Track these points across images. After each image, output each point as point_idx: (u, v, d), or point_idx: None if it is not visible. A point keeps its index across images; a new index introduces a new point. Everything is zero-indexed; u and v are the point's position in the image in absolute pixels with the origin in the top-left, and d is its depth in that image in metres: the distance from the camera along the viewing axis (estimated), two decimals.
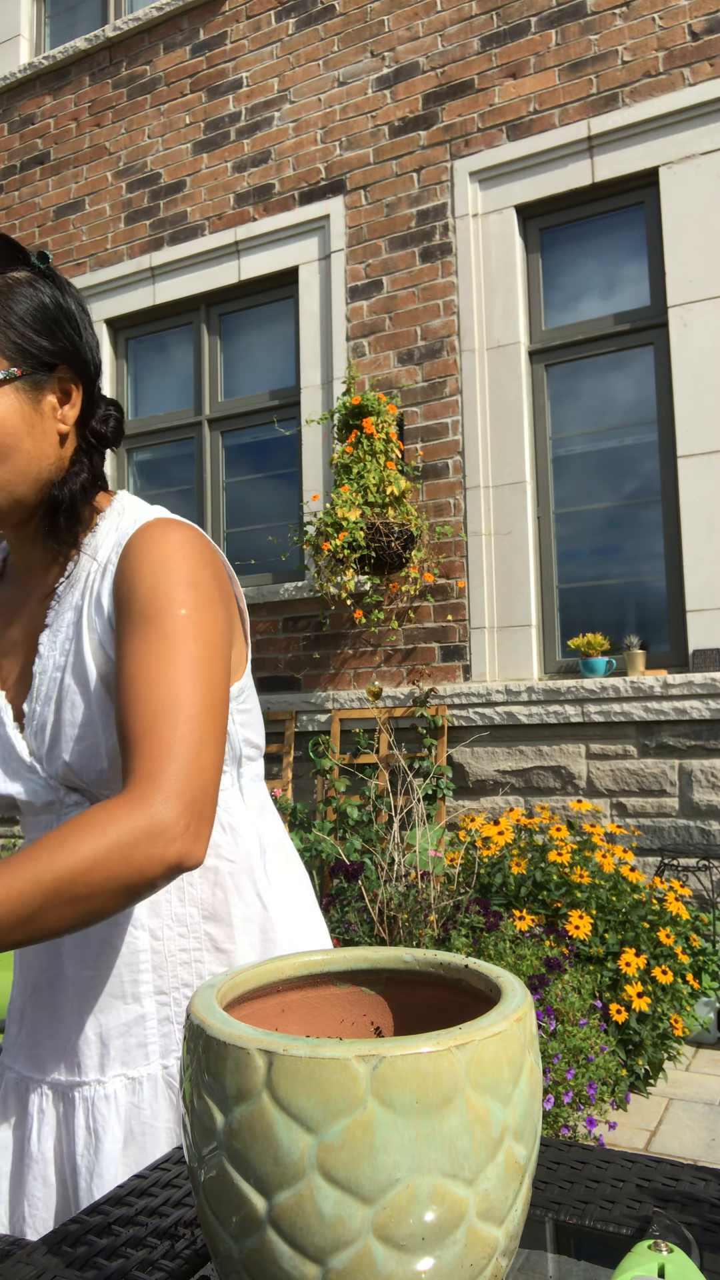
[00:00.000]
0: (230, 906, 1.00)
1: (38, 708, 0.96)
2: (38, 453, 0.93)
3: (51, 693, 0.95)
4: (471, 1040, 0.46)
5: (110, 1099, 0.94)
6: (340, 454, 4.54)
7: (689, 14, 4.25)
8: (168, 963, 0.97)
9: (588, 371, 4.56)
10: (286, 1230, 0.45)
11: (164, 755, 0.82)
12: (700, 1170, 0.71)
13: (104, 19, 6.02)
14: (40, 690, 0.96)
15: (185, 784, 0.81)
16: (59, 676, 0.95)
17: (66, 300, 0.95)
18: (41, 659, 0.97)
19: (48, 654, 0.97)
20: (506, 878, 3.37)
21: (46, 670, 0.96)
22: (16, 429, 0.91)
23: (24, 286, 0.92)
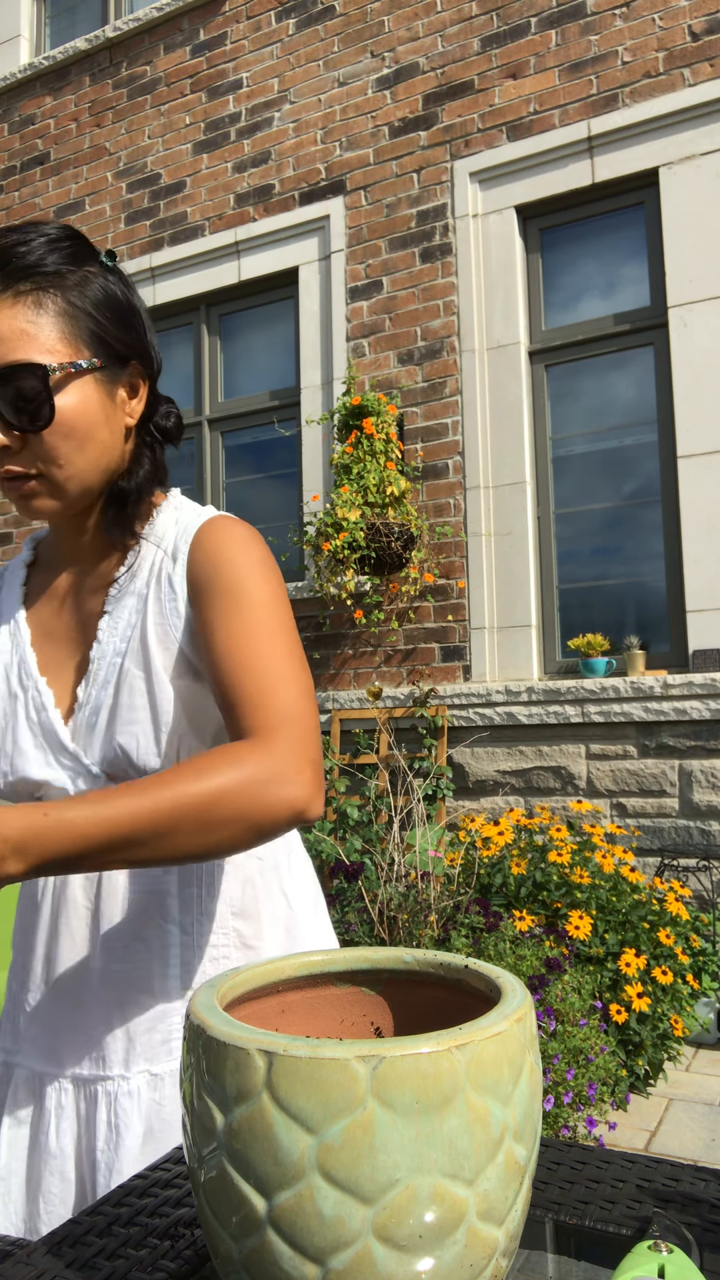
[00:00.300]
0: (259, 904, 1.01)
1: (94, 692, 0.97)
2: (110, 444, 0.96)
3: (110, 677, 0.96)
4: (471, 1040, 0.46)
5: (134, 1094, 0.94)
6: (340, 454, 4.54)
7: (689, 14, 4.25)
8: (196, 958, 0.98)
9: (588, 372, 4.56)
10: (286, 1230, 0.45)
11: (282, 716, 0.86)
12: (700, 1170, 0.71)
13: (104, 19, 6.02)
14: (98, 675, 0.97)
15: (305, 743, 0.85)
16: (119, 661, 0.96)
17: (133, 297, 0.98)
18: (100, 644, 0.97)
19: (107, 640, 0.97)
20: (506, 878, 3.37)
21: (105, 655, 0.97)
22: (95, 419, 0.93)
23: (99, 279, 0.94)
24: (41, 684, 0.99)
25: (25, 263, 0.89)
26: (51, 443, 0.91)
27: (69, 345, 0.91)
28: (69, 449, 0.92)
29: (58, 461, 0.92)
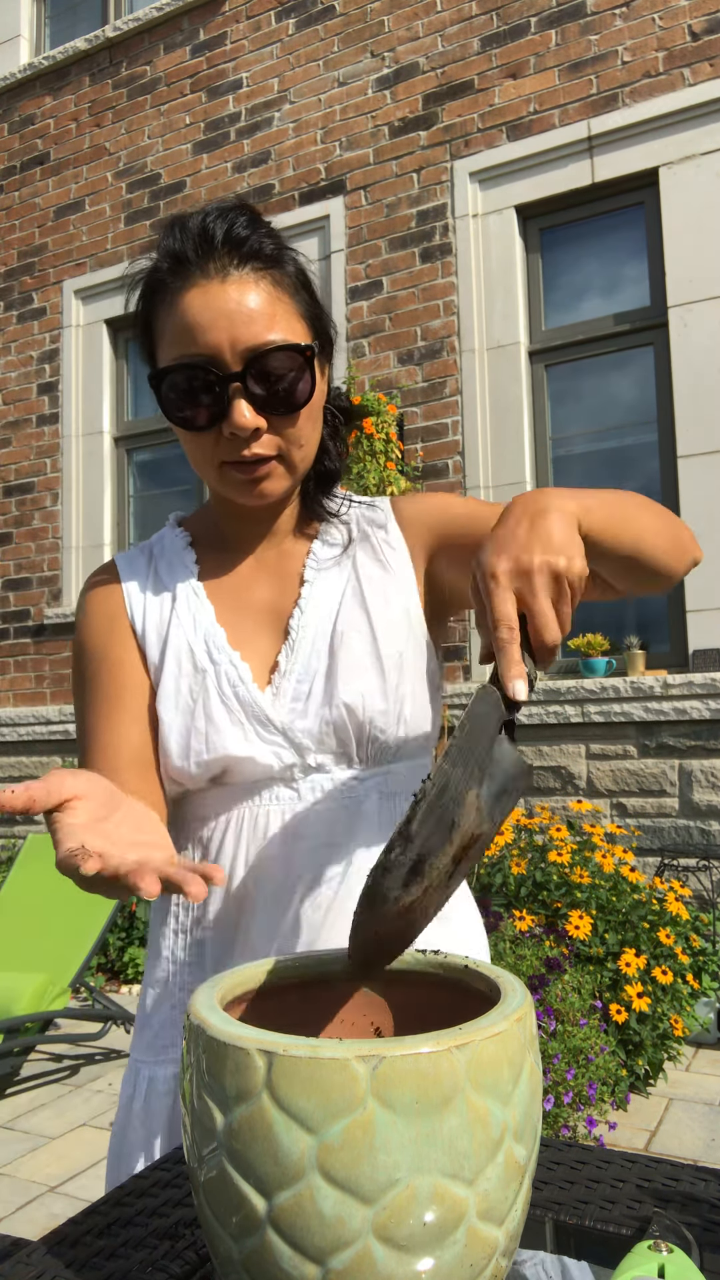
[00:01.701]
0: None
1: (300, 659, 0.94)
2: (320, 424, 0.96)
3: (319, 645, 0.94)
4: (471, 1040, 0.46)
5: None
6: None
7: (689, 14, 4.25)
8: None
9: (588, 371, 4.56)
10: (286, 1230, 0.45)
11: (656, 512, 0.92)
12: (700, 1170, 0.71)
13: (104, 19, 6.02)
14: (303, 644, 0.95)
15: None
16: (328, 627, 0.95)
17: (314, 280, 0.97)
18: (303, 613, 0.96)
19: (312, 610, 0.96)
20: (506, 878, 3.37)
21: (311, 624, 0.96)
22: (322, 400, 0.95)
23: (299, 258, 0.93)
24: (236, 658, 0.95)
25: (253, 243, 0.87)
26: (299, 423, 0.90)
27: (304, 326, 0.91)
28: (309, 430, 0.92)
29: (299, 442, 0.92)
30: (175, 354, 0.88)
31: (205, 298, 0.86)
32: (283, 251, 0.90)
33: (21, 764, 5.67)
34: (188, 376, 0.87)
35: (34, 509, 5.87)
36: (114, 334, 5.80)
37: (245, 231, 0.87)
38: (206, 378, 0.86)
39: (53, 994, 3.23)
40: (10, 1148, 2.84)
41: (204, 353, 0.86)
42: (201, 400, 0.87)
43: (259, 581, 1.00)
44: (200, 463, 0.93)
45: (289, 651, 0.94)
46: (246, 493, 0.93)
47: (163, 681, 0.95)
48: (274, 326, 0.87)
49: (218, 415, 0.87)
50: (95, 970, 4.60)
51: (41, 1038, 3.24)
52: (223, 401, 0.87)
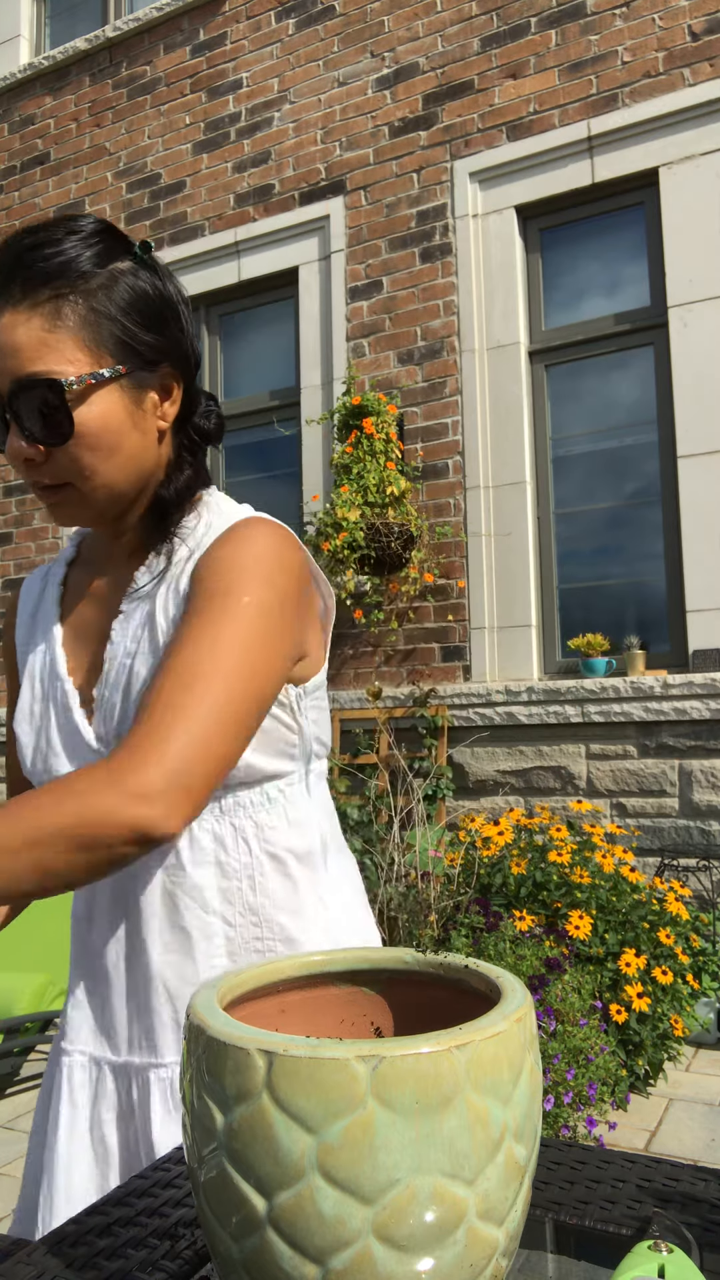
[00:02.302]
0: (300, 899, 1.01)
1: (107, 693, 0.96)
2: (140, 450, 0.93)
3: (120, 679, 0.95)
4: (471, 1040, 0.46)
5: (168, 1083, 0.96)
6: (340, 454, 4.54)
7: (689, 14, 4.25)
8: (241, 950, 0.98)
9: (588, 372, 4.56)
10: (286, 1230, 0.45)
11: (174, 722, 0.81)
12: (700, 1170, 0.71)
13: (104, 19, 6.02)
14: (109, 676, 0.97)
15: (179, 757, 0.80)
16: (128, 663, 0.95)
17: (169, 288, 0.94)
18: (113, 645, 0.97)
19: (119, 640, 0.97)
20: (506, 878, 3.37)
21: (116, 656, 0.96)
22: (120, 427, 0.91)
23: (128, 277, 0.91)
24: (68, 685, 0.99)
25: (47, 269, 0.86)
26: (75, 454, 0.89)
27: (90, 354, 0.88)
28: (94, 460, 0.90)
29: (83, 473, 0.91)
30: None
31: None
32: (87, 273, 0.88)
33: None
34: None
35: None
36: None
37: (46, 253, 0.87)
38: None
39: (53, 994, 3.23)
40: (10, 1148, 2.84)
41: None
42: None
43: (100, 604, 1.03)
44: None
45: (101, 684, 0.98)
46: (54, 516, 0.95)
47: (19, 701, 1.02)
48: (38, 359, 0.86)
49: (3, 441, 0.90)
50: None
51: (41, 1038, 3.24)
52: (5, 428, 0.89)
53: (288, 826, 1.01)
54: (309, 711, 1.02)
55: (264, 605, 0.89)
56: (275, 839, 0.99)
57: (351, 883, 1.10)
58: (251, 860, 0.99)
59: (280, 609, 0.91)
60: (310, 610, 1.00)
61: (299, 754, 1.02)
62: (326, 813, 1.08)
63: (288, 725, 0.98)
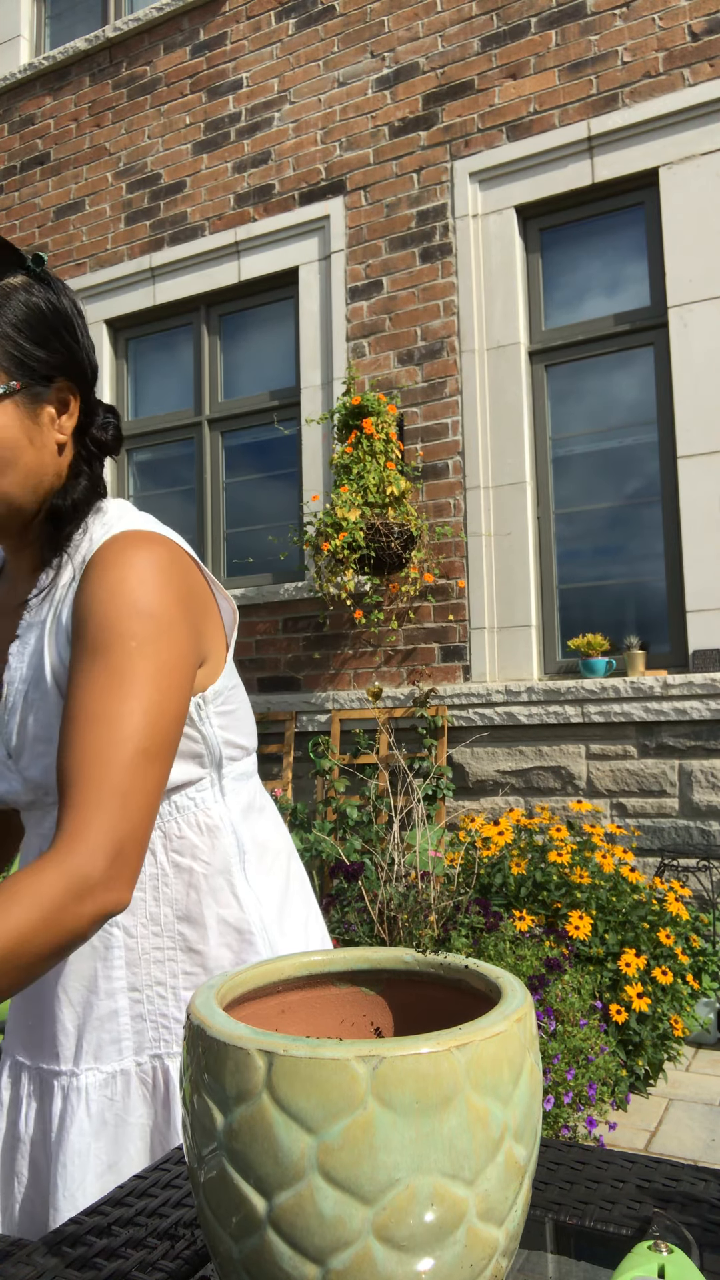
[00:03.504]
0: (204, 908, 1.00)
1: (5, 717, 0.97)
2: (37, 464, 0.94)
3: (16, 704, 0.95)
4: (471, 1041, 0.46)
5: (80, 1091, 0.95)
6: (340, 454, 4.54)
7: (689, 14, 4.25)
8: (141, 960, 0.98)
9: (588, 372, 4.56)
10: (286, 1231, 0.45)
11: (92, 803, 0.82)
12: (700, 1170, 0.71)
13: (104, 19, 6.02)
14: (8, 700, 0.97)
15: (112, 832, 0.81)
16: (23, 689, 0.95)
17: (62, 302, 0.94)
18: (10, 669, 0.97)
19: (15, 665, 0.96)
20: (506, 878, 3.37)
21: (14, 681, 0.96)
22: (15, 442, 0.91)
23: (19, 293, 0.91)
24: None
25: None
26: None
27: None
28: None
29: None
30: None
31: None
32: None
33: None
34: None
35: None
36: (114, 334, 5.80)
37: None
38: None
39: None
40: None
41: None
42: None
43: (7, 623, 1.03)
44: None
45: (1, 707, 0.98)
46: None
47: None
48: None
49: None
50: None
51: None
52: None
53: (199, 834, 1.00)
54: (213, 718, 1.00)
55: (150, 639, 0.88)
56: (183, 848, 0.99)
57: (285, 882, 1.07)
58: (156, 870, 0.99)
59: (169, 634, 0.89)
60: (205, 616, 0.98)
61: (207, 760, 1.01)
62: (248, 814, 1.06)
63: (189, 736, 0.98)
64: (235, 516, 5.43)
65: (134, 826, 0.83)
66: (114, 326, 5.78)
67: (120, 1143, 0.95)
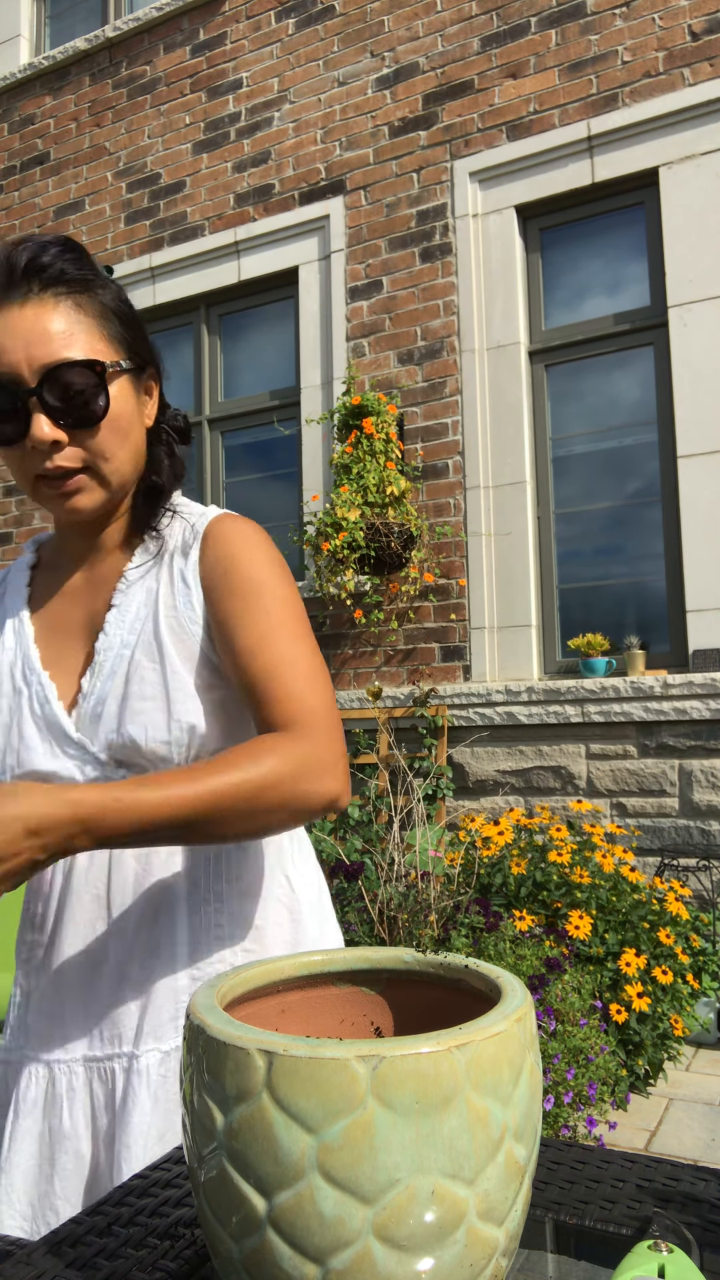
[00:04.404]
0: (264, 885, 1.03)
1: (99, 683, 0.99)
2: (139, 443, 1.01)
3: (118, 668, 0.98)
4: (471, 1040, 0.46)
5: (141, 1073, 0.96)
6: (340, 454, 4.54)
7: (689, 14, 4.25)
8: (204, 938, 0.99)
9: (588, 372, 4.56)
10: (286, 1230, 0.45)
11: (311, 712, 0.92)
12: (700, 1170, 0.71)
13: (104, 19, 6.02)
14: (104, 666, 0.99)
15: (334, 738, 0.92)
16: (127, 653, 0.98)
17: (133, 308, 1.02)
18: (107, 636, 1.00)
19: (114, 632, 1.00)
20: (506, 878, 3.37)
21: (113, 647, 0.99)
22: (132, 414, 0.99)
23: (113, 287, 0.99)
24: (44, 678, 1.01)
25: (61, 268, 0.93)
26: (101, 436, 0.95)
27: (108, 346, 0.96)
28: (115, 443, 0.96)
29: (104, 454, 0.96)
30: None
31: (7, 321, 0.92)
32: (88, 279, 0.96)
33: None
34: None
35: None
36: None
37: (47, 259, 0.93)
38: (8, 395, 0.92)
39: None
40: None
41: (6, 371, 0.92)
42: (7, 417, 0.93)
43: (80, 600, 1.05)
44: (19, 478, 0.98)
45: (91, 674, 1.00)
46: (59, 506, 0.98)
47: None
48: (70, 345, 0.93)
49: (21, 430, 0.93)
50: None
51: None
52: (24, 416, 0.93)
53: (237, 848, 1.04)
54: None
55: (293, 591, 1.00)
56: None
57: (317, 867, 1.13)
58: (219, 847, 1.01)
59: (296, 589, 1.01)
60: None
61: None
62: None
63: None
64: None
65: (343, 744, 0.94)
66: None
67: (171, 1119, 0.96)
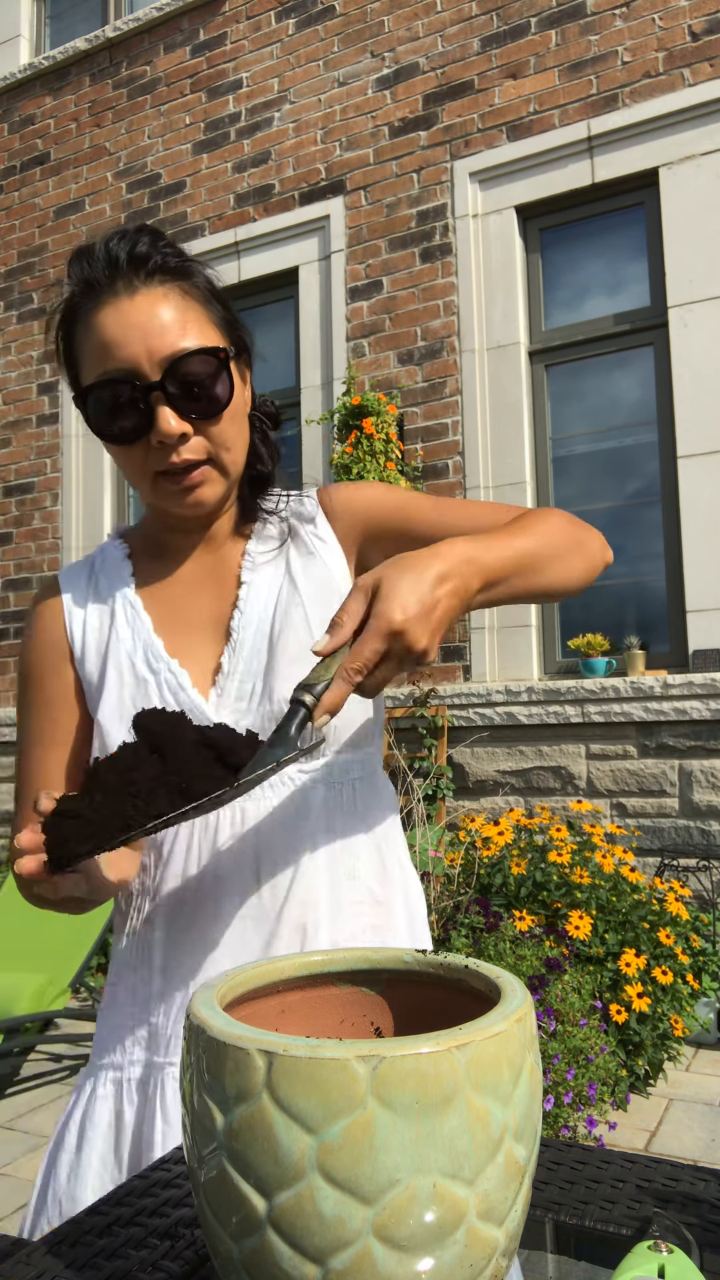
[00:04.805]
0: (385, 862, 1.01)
1: (240, 661, 0.97)
2: (247, 428, 0.99)
3: (259, 643, 0.96)
4: (471, 1040, 0.46)
5: None
6: (340, 454, 4.54)
7: (689, 14, 4.25)
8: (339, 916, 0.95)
9: (588, 372, 4.56)
10: (286, 1231, 0.45)
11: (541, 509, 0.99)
12: (700, 1170, 0.71)
13: (104, 19, 6.02)
14: (244, 643, 0.97)
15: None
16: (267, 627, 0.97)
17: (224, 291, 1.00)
18: (243, 614, 0.98)
19: (250, 609, 0.98)
20: (506, 878, 3.37)
21: (251, 624, 0.98)
22: (245, 403, 0.98)
23: (207, 272, 0.96)
24: (174, 665, 0.97)
25: (161, 258, 0.91)
26: (223, 426, 0.92)
27: (217, 331, 0.93)
28: (234, 433, 0.94)
29: (226, 444, 0.94)
30: (96, 372, 0.91)
31: (118, 314, 0.89)
32: (188, 264, 0.93)
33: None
34: (111, 392, 0.90)
35: (34, 509, 5.87)
36: None
37: (147, 248, 0.90)
38: (129, 390, 0.89)
39: (53, 994, 3.23)
40: (10, 1148, 2.84)
41: (123, 366, 0.89)
42: (127, 413, 0.90)
43: (198, 590, 1.02)
44: (135, 477, 0.95)
45: (231, 653, 0.97)
46: (181, 502, 0.95)
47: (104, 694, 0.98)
48: (187, 333, 0.90)
49: (144, 426, 0.90)
50: (95, 970, 4.60)
51: (41, 1038, 3.24)
52: (147, 411, 0.89)
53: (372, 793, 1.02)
54: None
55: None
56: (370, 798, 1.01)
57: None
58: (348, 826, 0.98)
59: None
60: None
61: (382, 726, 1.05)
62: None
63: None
64: None
65: None
66: None
67: None
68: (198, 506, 0.95)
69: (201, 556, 1.03)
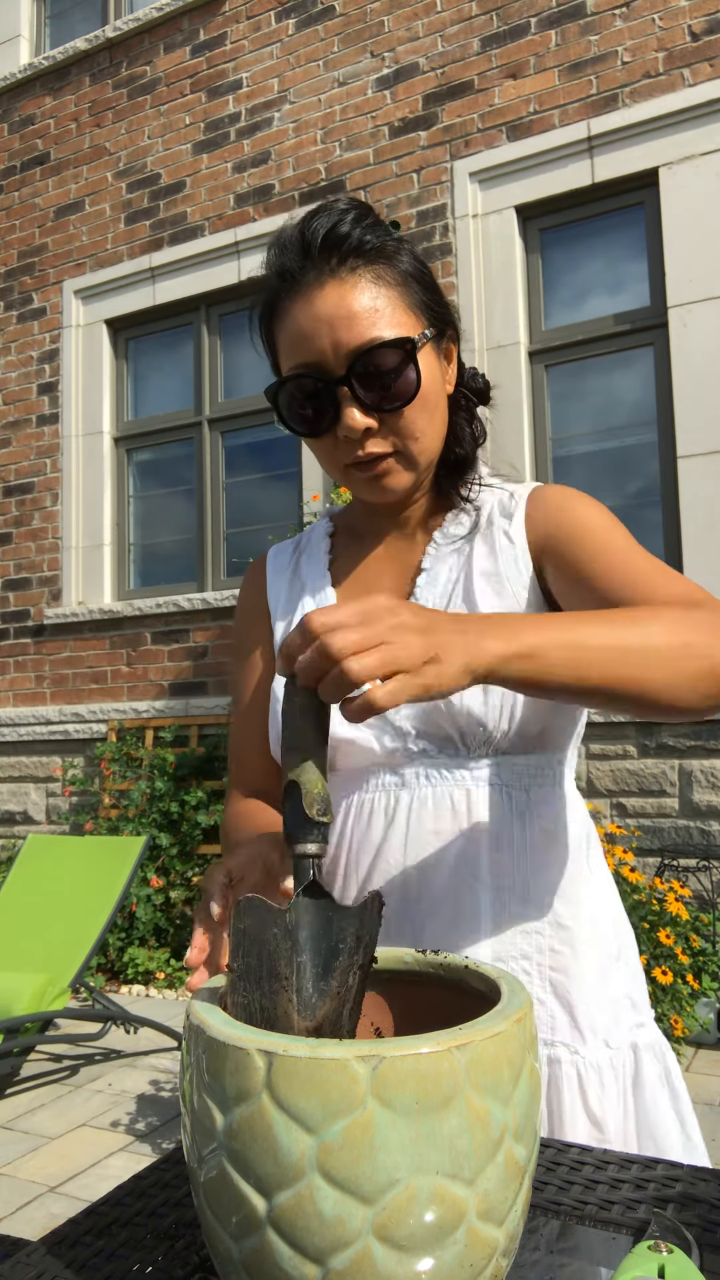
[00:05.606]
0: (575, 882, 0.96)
1: None
2: (444, 412, 0.96)
3: None
4: (471, 1041, 0.46)
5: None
6: None
7: (689, 14, 4.25)
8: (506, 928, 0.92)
9: (588, 372, 4.56)
10: (286, 1231, 0.45)
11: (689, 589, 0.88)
12: (700, 1170, 0.71)
13: (104, 19, 6.02)
14: None
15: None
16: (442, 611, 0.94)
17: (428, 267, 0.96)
18: (417, 600, 0.96)
19: (425, 596, 0.96)
20: None
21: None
22: (439, 388, 0.94)
23: (406, 245, 0.92)
24: None
25: (355, 239, 0.88)
26: (411, 416, 0.90)
27: (412, 316, 0.90)
28: (424, 421, 0.92)
29: (414, 435, 0.91)
30: (290, 365, 0.91)
31: (308, 305, 0.88)
32: (386, 244, 0.90)
33: (21, 764, 5.67)
34: (299, 386, 0.90)
35: (34, 509, 5.87)
36: (114, 334, 5.80)
37: (344, 230, 0.88)
38: (315, 385, 0.88)
39: (53, 994, 3.23)
40: (10, 1148, 2.84)
41: (310, 360, 0.88)
42: (313, 408, 0.89)
43: (384, 571, 1.02)
44: (327, 465, 0.95)
45: None
46: (371, 491, 0.95)
47: None
48: (376, 324, 0.87)
49: (331, 420, 0.89)
50: (95, 970, 4.60)
51: (41, 1038, 3.25)
52: (333, 406, 0.88)
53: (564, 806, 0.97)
54: None
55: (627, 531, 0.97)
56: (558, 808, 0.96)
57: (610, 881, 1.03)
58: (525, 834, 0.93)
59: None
60: None
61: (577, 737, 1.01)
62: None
63: None
64: (235, 516, 5.43)
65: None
66: (114, 326, 5.78)
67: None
68: (386, 494, 0.95)
69: (392, 540, 1.03)
